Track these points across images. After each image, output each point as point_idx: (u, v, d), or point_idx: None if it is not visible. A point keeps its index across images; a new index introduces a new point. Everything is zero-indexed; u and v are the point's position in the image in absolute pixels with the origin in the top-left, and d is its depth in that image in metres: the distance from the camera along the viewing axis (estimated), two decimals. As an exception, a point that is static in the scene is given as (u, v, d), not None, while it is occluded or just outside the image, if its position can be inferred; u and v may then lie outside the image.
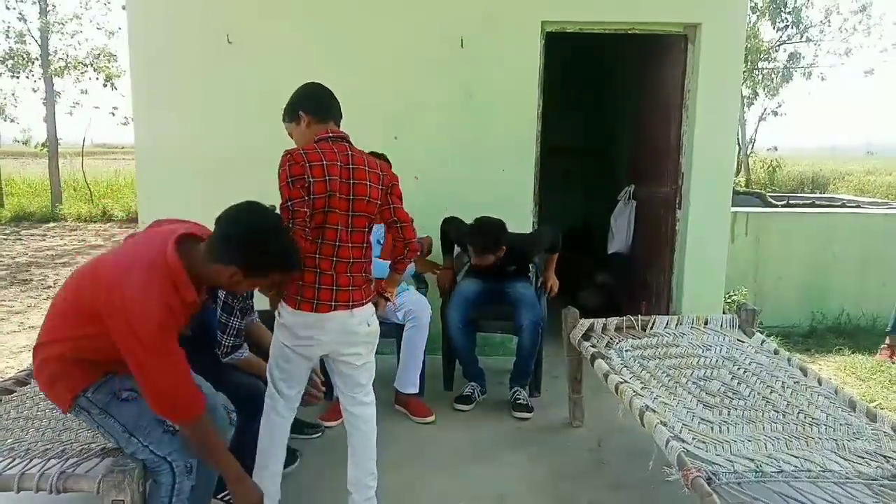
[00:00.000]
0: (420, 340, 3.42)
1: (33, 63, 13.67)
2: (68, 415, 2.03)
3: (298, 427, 3.16)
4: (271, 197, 3.04)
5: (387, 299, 2.61)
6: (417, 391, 3.46)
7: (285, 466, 2.67)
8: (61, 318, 1.91)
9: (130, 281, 1.78)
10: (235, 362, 2.63)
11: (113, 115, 14.20)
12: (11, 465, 2.03)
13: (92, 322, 1.81)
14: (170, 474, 1.94)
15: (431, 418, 3.36)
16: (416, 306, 3.43)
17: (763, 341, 3.05)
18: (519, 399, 3.51)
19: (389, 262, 2.65)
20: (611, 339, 3.07)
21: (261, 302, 2.54)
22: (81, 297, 1.86)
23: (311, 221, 2.19)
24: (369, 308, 2.35)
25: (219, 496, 2.46)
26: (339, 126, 2.36)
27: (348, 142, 2.33)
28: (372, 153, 3.48)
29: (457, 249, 3.82)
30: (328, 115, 2.30)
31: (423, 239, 3.62)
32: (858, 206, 7.83)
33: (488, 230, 3.40)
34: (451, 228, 3.71)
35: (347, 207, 2.23)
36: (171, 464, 1.94)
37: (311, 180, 2.16)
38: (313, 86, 2.38)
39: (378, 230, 3.53)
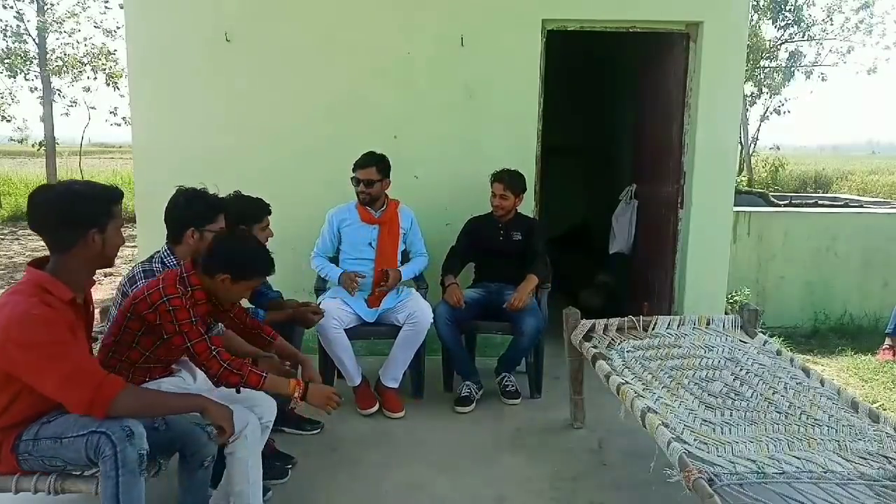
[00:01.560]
0: (414, 343, 3.42)
1: (31, 62, 13.67)
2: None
3: (297, 423, 3.17)
4: (269, 195, 3.06)
5: None
6: (397, 386, 3.48)
7: (277, 477, 2.73)
8: None
9: (4, 311, 1.82)
10: None
11: (114, 114, 14.14)
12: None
13: (7, 382, 1.84)
14: (109, 444, 1.82)
15: (401, 414, 3.38)
16: (417, 309, 3.41)
17: (765, 342, 3.04)
18: (508, 386, 3.58)
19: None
20: (612, 339, 3.05)
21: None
22: None
23: None
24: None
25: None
26: None
27: None
28: (371, 153, 3.50)
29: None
30: None
31: (394, 273, 3.51)
32: (861, 206, 7.82)
33: (507, 169, 3.69)
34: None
35: None
36: (107, 433, 1.83)
37: None
38: None
39: (372, 231, 3.53)
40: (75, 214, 1.90)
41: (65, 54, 13.85)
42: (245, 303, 3.19)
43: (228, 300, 2.40)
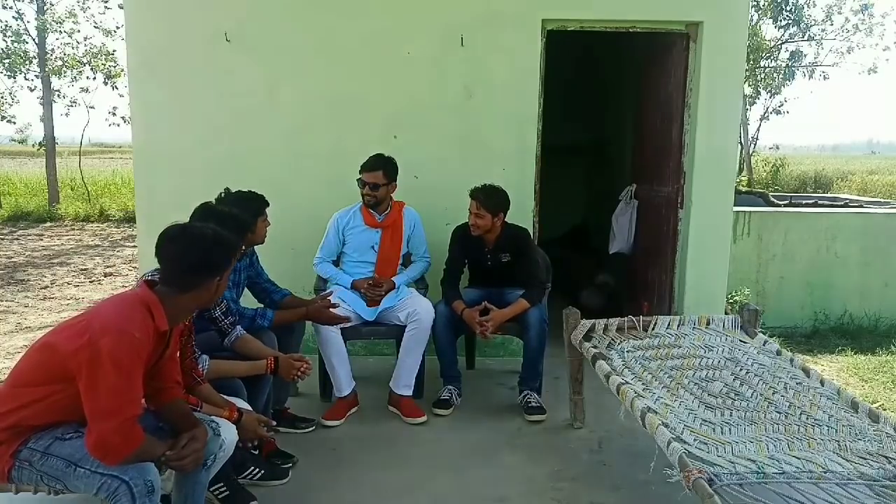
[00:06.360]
0: (420, 343, 3.40)
1: (31, 62, 13.67)
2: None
3: (291, 421, 3.17)
4: (269, 195, 3.06)
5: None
6: (411, 393, 3.44)
7: (279, 478, 2.72)
8: (19, 388, 1.86)
9: (108, 311, 1.83)
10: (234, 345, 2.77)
11: (113, 114, 14.14)
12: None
13: (60, 378, 1.79)
14: (128, 496, 1.77)
15: (423, 419, 3.34)
16: (419, 308, 3.41)
17: (765, 342, 3.04)
18: (531, 402, 3.43)
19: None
20: (612, 339, 3.05)
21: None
22: (53, 355, 1.82)
23: None
24: None
25: (211, 489, 2.45)
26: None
27: None
28: (378, 155, 3.50)
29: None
30: None
31: (387, 283, 3.49)
32: (861, 206, 7.82)
33: (488, 186, 3.50)
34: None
35: None
36: (129, 483, 1.77)
37: None
38: None
39: (375, 235, 3.53)
40: (211, 262, 1.95)
41: (64, 54, 13.85)
42: (255, 303, 3.21)
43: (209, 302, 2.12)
